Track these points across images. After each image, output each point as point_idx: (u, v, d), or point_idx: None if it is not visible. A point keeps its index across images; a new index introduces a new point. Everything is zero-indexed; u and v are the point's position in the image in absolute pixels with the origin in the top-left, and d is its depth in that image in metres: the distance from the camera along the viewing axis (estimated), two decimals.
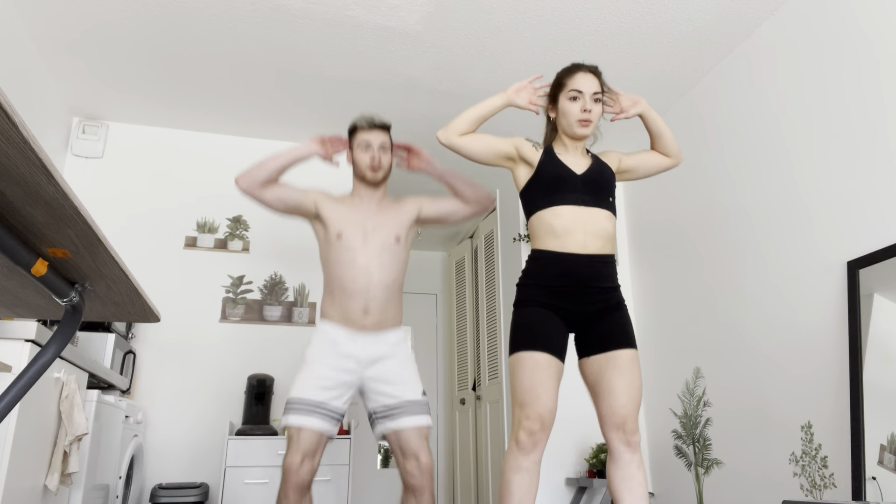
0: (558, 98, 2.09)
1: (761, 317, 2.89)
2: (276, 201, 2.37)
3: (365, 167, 2.38)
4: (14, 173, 0.78)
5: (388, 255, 2.33)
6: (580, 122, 2.03)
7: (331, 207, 2.38)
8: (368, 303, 2.28)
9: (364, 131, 2.39)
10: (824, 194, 2.59)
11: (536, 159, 2.07)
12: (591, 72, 2.07)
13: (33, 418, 1.96)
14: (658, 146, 2.22)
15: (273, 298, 3.86)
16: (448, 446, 5.76)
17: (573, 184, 2.01)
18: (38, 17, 2.96)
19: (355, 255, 2.29)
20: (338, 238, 2.31)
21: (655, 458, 3.65)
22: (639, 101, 2.17)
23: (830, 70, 2.61)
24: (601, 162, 2.12)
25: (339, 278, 2.29)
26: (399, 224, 2.40)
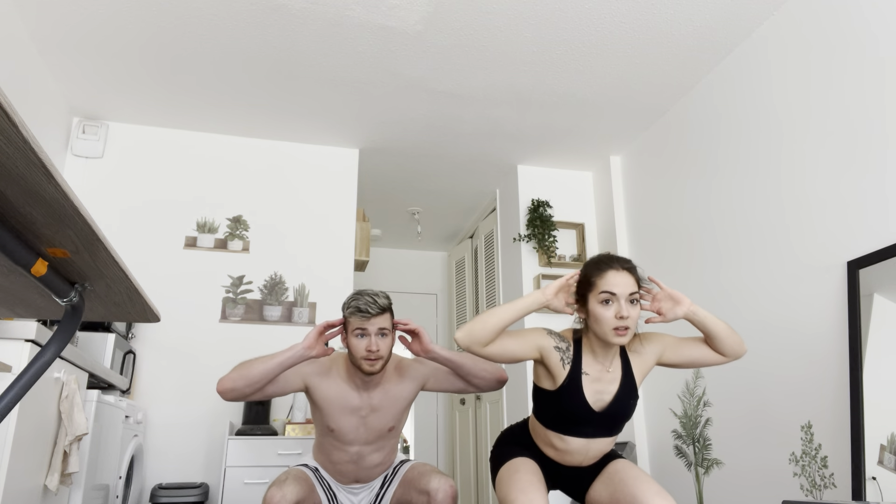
0: (587, 298, 1.82)
1: (761, 317, 2.89)
2: (262, 398, 2.20)
3: (361, 359, 2.09)
4: (14, 173, 0.78)
5: (382, 442, 2.25)
6: (616, 330, 1.76)
7: (322, 394, 2.17)
8: (358, 475, 2.26)
9: (359, 320, 2.09)
10: (824, 194, 2.59)
11: (560, 378, 1.86)
12: (625, 269, 1.80)
13: (33, 418, 1.96)
14: (713, 346, 1.93)
15: (273, 298, 3.86)
16: (448, 446, 5.76)
17: (589, 420, 1.86)
18: (38, 17, 2.96)
19: (347, 446, 2.21)
20: (329, 431, 2.20)
21: (655, 458, 3.65)
22: (681, 301, 1.87)
23: (830, 70, 2.61)
24: (630, 380, 1.90)
25: (329, 453, 2.24)
26: (397, 416, 2.24)
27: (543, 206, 4.29)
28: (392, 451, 2.32)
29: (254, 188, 4.04)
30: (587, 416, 1.85)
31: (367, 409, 2.19)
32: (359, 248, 4.24)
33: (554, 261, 4.19)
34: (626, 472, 1.87)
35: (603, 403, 1.86)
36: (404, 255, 6.28)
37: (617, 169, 4.29)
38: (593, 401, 1.86)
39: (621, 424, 1.92)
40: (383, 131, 4.03)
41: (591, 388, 1.86)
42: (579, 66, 3.34)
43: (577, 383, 1.84)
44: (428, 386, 2.30)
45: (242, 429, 3.30)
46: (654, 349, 1.95)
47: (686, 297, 1.89)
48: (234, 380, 2.07)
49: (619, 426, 1.92)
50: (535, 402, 1.97)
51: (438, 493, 2.06)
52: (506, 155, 4.33)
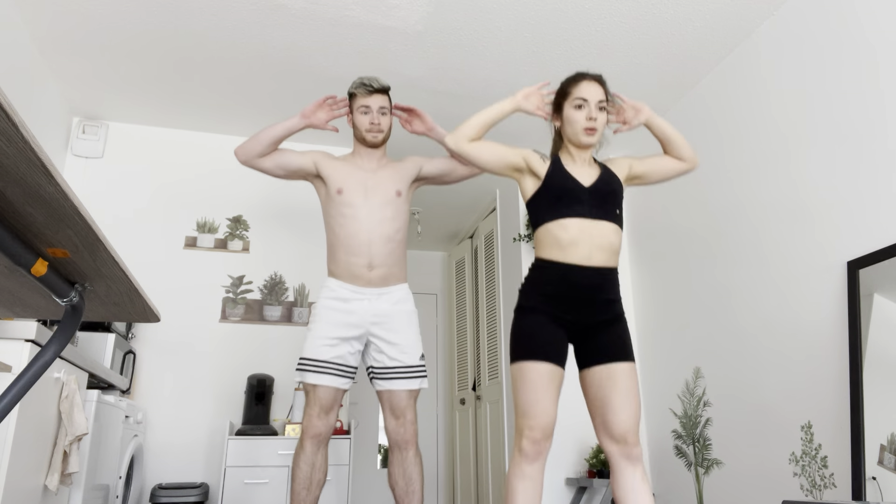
0: (563, 107, 2.08)
1: (761, 317, 2.89)
2: (275, 168, 2.46)
3: (364, 130, 2.44)
4: (14, 173, 0.78)
5: (390, 209, 2.41)
6: (586, 130, 2.02)
7: (331, 166, 2.45)
8: (372, 258, 2.37)
9: (363, 95, 2.43)
10: (824, 194, 2.59)
11: (544, 171, 2.06)
12: (595, 80, 2.06)
13: (33, 418, 1.96)
14: (670, 152, 2.17)
15: (273, 298, 3.86)
16: (448, 446, 5.76)
17: (580, 196, 2.00)
18: (38, 17, 2.96)
19: (356, 211, 2.37)
20: (338, 194, 2.40)
21: (655, 458, 3.65)
22: (642, 110, 2.14)
23: (830, 70, 2.61)
24: (610, 172, 2.10)
25: (342, 235, 2.38)
26: (400, 180, 2.48)
27: None
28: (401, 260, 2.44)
29: (254, 188, 4.04)
30: (577, 189, 2.00)
31: (373, 168, 2.47)
32: None
33: None
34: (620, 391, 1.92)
35: (590, 180, 2.04)
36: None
37: None
38: (579, 178, 2.04)
39: (614, 205, 2.03)
40: None
41: (575, 172, 2.06)
42: (579, 66, 3.34)
43: (559, 167, 2.06)
44: (424, 169, 2.55)
45: (242, 429, 3.30)
46: (623, 162, 2.17)
47: (646, 107, 2.14)
48: (246, 141, 2.43)
49: (611, 205, 2.03)
50: (532, 213, 2.09)
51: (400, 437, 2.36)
52: None
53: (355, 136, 2.51)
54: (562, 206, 2.00)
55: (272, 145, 2.43)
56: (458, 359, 5.59)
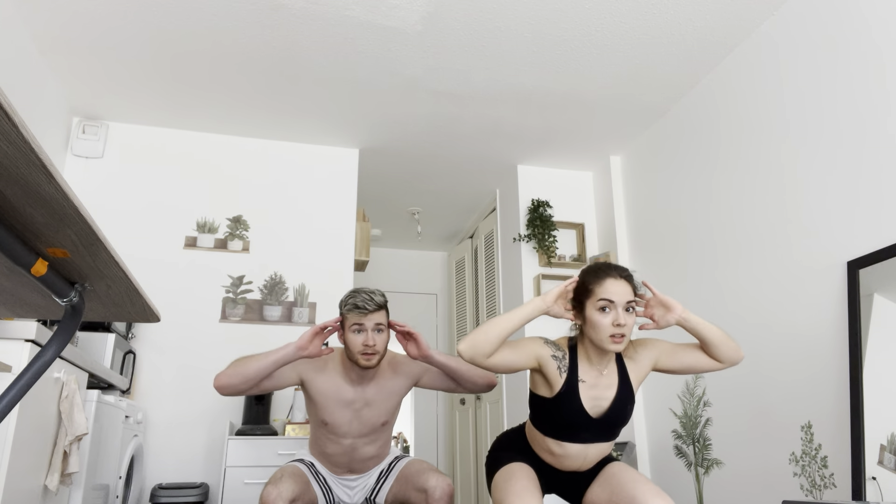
0: (584, 305, 1.85)
1: (761, 317, 2.89)
2: (259, 392, 2.24)
3: (358, 354, 2.15)
4: (14, 173, 0.78)
5: (375, 435, 2.30)
6: (612, 337, 1.80)
7: (318, 388, 2.22)
8: (352, 466, 2.31)
9: (357, 316, 2.16)
10: (824, 194, 2.59)
11: (557, 387, 1.87)
12: (622, 278, 1.83)
13: (33, 418, 1.96)
14: (709, 352, 1.93)
15: (273, 298, 3.86)
16: (448, 446, 5.76)
17: (587, 426, 1.88)
18: (38, 17, 2.96)
19: (341, 438, 2.25)
20: (323, 424, 2.24)
21: (655, 458, 3.65)
22: (672, 308, 1.88)
23: (831, 69, 2.61)
24: (627, 385, 1.91)
25: (323, 446, 2.29)
26: (390, 410, 2.30)
27: (543, 206, 4.29)
28: (385, 445, 2.35)
29: (254, 188, 4.04)
30: (585, 422, 1.87)
31: (361, 403, 2.24)
32: (359, 248, 4.24)
33: (554, 261, 4.19)
34: (623, 474, 1.89)
35: (600, 410, 1.88)
36: (404, 255, 6.28)
37: (617, 169, 4.29)
38: (590, 407, 1.87)
39: (619, 429, 1.94)
40: (383, 131, 4.03)
41: (588, 395, 1.88)
42: (579, 66, 3.34)
43: (574, 390, 1.86)
44: (421, 383, 2.36)
45: (242, 429, 3.30)
46: (650, 355, 1.97)
47: (678, 303, 1.89)
48: (231, 376, 2.12)
49: (616, 431, 1.94)
50: (533, 409, 1.98)
51: (436, 492, 2.09)
52: (506, 155, 4.33)
53: (347, 355, 2.21)
54: (564, 433, 1.89)
55: (260, 380, 2.14)
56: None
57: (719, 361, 1.93)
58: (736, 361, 1.93)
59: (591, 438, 1.90)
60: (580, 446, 1.90)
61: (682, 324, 1.89)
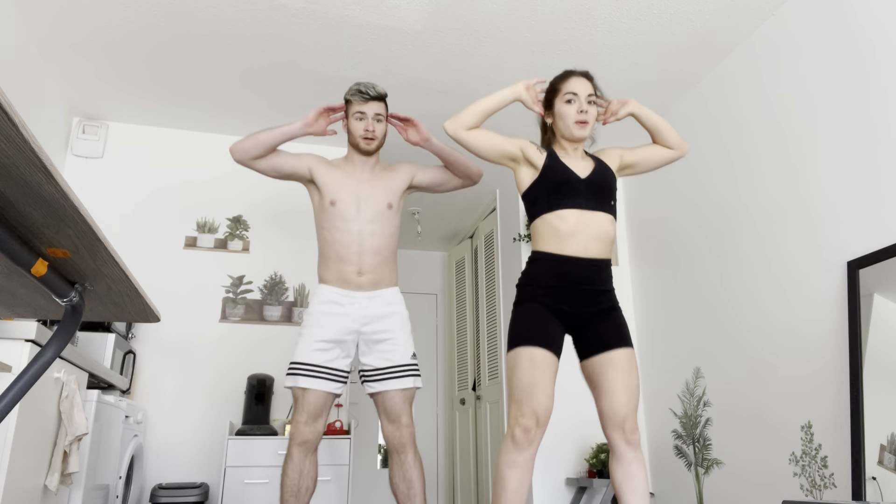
0: (554, 103, 2.14)
1: (761, 317, 2.89)
2: (269, 170, 2.47)
3: (359, 137, 2.45)
4: (14, 173, 0.78)
5: (380, 222, 2.43)
6: (577, 123, 2.08)
7: (325, 173, 2.46)
8: (362, 266, 2.40)
9: (359, 102, 2.44)
10: (824, 194, 2.59)
11: (541, 162, 2.09)
12: (583, 76, 2.13)
13: (33, 418, 1.96)
14: (658, 140, 2.23)
15: (273, 298, 3.86)
16: (448, 446, 5.76)
17: (577, 188, 2.04)
18: (37, 17, 2.96)
19: (348, 223, 2.39)
20: (332, 205, 2.41)
21: (655, 458, 3.65)
22: (628, 102, 2.20)
23: (830, 70, 2.61)
24: (603, 164, 2.15)
25: (333, 244, 2.40)
26: (392, 191, 2.49)
27: None
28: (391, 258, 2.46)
29: (254, 188, 4.04)
30: (574, 181, 2.04)
31: (366, 178, 2.47)
32: None
33: None
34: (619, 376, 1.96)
35: (585, 172, 2.09)
36: (404, 255, 6.28)
37: None
38: (575, 169, 2.09)
39: (609, 196, 2.08)
40: None
41: (570, 164, 2.10)
42: (579, 66, 3.34)
43: (556, 159, 2.10)
44: (416, 177, 2.56)
45: (242, 429, 3.30)
46: (614, 153, 2.23)
47: (632, 99, 2.19)
48: (244, 140, 2.42)
49: (607, 196, 2.07)
50: (529, 204, 2.12)
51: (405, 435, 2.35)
52: None
53: (350, 141, 2.51)
54: (559, 198, 2.04)
55: (270, 148, 2.44)
56: (458, 359, 5.59)
57: (671, 148, 2.22)
58: (684, 149, 2.23)
59: (585, 203, 2.03)
60: (579, 215, 2.01)
61: (637, 111, 2.19)
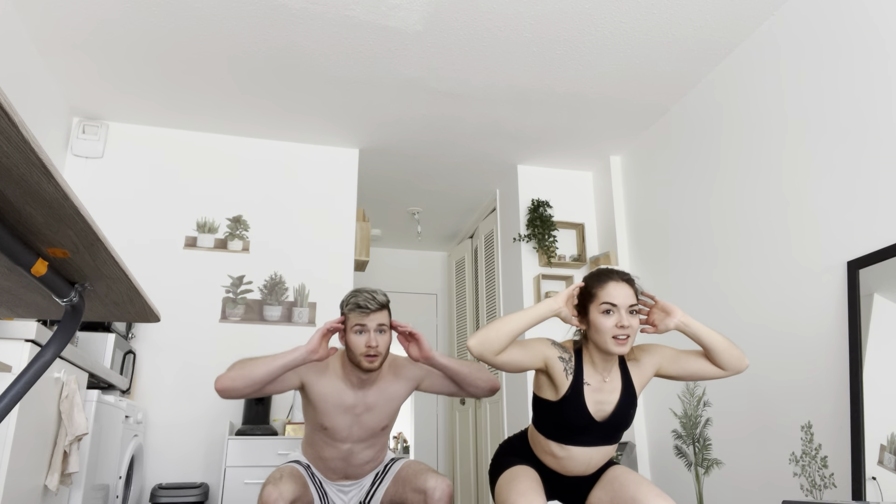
0: (588, 310, 1.87)
1: (761, 317, 2.89)
2: (259, 395, 2.18)
3: (360, 356, 2.10)
4: (14, 173, 0.78)
5: (373, 440, 2.26)
6: (616, 340, 1.82)
7: (318, 392, 2.17)
8: (348, 472, 2.28)
9: (359, 315, 2.11)
10: (824, 194, 2.59)
11: (563, 389, 1.89)
12: (624, 281, 1.86)
13: (33, 418, 1.96)
14: (712, 360, 1.95)
15: (273, 298, 3.86)
16: (448, 446, 5.76)
17: (591, 430, 1.89)
18: (38, 17, 2.96)
19: (339, 443, 2.22)
20: (322, 429, 2.20)
21: (655, 458, 3.65)
22: (672, 313, 1.91)
23: (831, 70, 2.61)
24: (630, 389, 1.93)
25: (320, 450, 2.25)
26: (389, 415, 2.26)
27: (543, 206, 4.29)
28: (382, 449, 2.33)
29: (254, 188, 4.04)
30: (588, 425, 1.88)
31: (362, 408, 2.20)
32: (359, 248, 4.24)
33: (554, 261, 4.19)
34: (625, 476, 1.91)
35: (604, 413, 1.90)
36: (404, 255, 6.28)
37: (617, 169, 4.29)
38: (594, 411, 1.89)
39: (621, 433, 1.95)
40: (383, 131, 4.03)
41: (592, 399, 1.89)
42: (579, 66, 3.34)
43: (579, 393, 1.87)
44: (422, 387, 2.32)
45: (242, 429, 3.30)
46: (653, 361, 1.98)
47: (678, 309, 1.91)
48: (234, 379, 2.05)
49: (619, 434, 1.95)
50: (536, 411, 1.98)
51: (435, 492, 2.07)
52: (506, 155, 4.33)
53: (349, 357, 2.15)
54: (567, 435, 1.90)
55: (265, 384, 2.08)
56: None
57: (722, 369, 1.94)
58: (740, 369, 1.94)
59: (594, 441, 1.91)
60: (583, 449, 1.91)
61: (682, 328, 1.90)
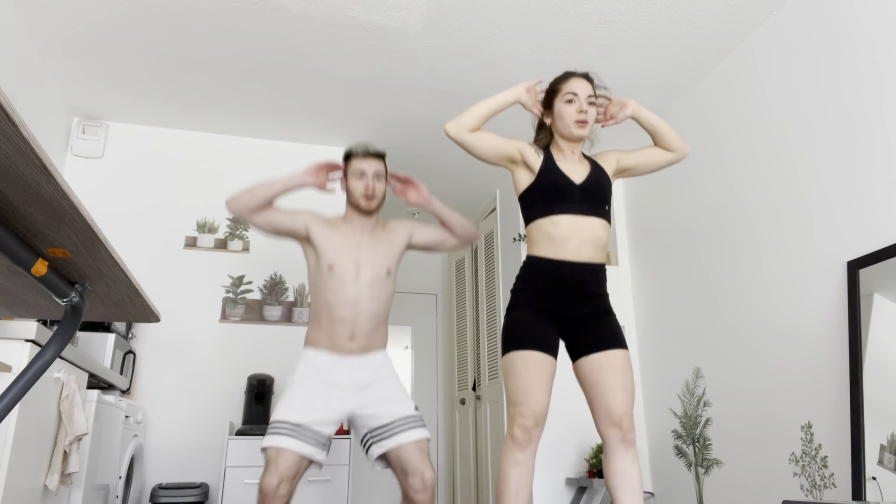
0: (553, 104, 2.14)
1: (761, 317, 2.89)
2: (266, 225, 2.34)
3: (359, 195, 2.35)
4: (14, 173, 0.78)
5: (378, 287, 2.33)
6: (577, 122, 2.08)
7: (322, 234, 2.35)
8: (355, 330, 2.29)
9: (359, 159, 2.37)
10: (824, 194, 2.59)
11: (538, 165, 2.10)
12: (584, 77, 2.13)
13: (33, 418, 1.96)
14: (659, 143, 2.21)
15: (273, 298, 3.86)
16: (448, 446, 5.76)
17: (571, 193, 2.05)
18: (38, 16, 2.96)
19: (346, 287, 2.28)
20: (329, 269, 2.30)
21: (655, 458, 3.65)
22: (627, 104, 2.18)
23: (830, 70, 2.61)
24: (599, 168, 2.14)
25: (328, 306, 2.29)
26: (390, 256, 2.40)
27: None
28: (385, 323, 2.38)
29: None
30: (569, 187, 2.05)
31: (365, 240, 2.37)
32: None
33: None
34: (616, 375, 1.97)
35: (581, 177, 2.09)
36: (404, 255, 6.28)
37: None
38: (570, 174, 2.09)
39: (603, 202, 2.08)
40: (383, 131, 4.03)
41: (566, 168, 2.10)
42: (579, 66, 3.34)
43: (552, 164, 2.10)
44: (414, 237, 2.48)
45: (242, 429, 3.30)
46: (611, 156, 2.21)
47: (632, 101, 2.17)
48: (241, 192, 2.30)
49: (601, 202, 2.07)
50: (525, 206, 2.13)
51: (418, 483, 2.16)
52: None
53: (349, 200, 2.40)
54: (553, 203, 2.05)
55: (268, 201, 2.31)
56: (458, 359, 5.59)
57: (671, 150, 2.19)
58: (685, 150, 2.20)
59: (579, 209, 2.03)
60: (573, 220, 2.02)
61: (636, 114, 2.16)
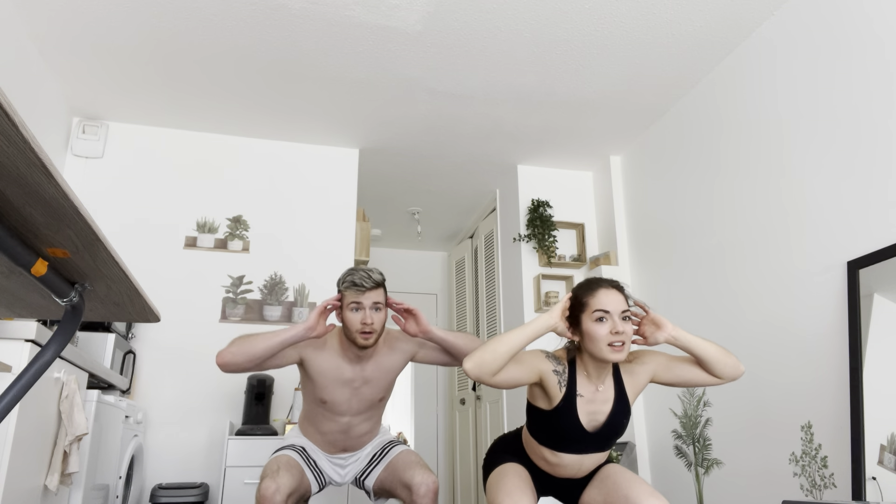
0: (581, 320, 1.84)
1: (761, 317, 2.89)
2: (256, 369, 2.18)
3: (356, 332, 2.14)
4: (14, 173, 0.78)
5: (371, 412, 2.32)
6: (611, 347, 1.78)
7: (318, 366, 2.21)
8: (347, 443, 2.33)
9: (355, 293, 2.15)
10: (824, 194, 2.59)
11: (556, 400, 1.87)
12: (613, 287, 1.84)
13: (33, 418, 1.96)
14: (707, 370, 1.92)
15: (273, 298, 3.86)
16: (448, 446, 5.76)
17: (583, 440, 1.89)
18: (38, 17, 2.96)
19: (337, 417, 2.27)
20: (321, 402, 2.24)
21: (655, 458, 3.65)
22: (663, 326, 1.89)
23: (830, 70, 2.61)
24: (624, 398, 1.91)
25: (318, 424, 2.29)
26: (386, 386, 2.32)
27: (543, 206, 4.29)
28: (378, 421, 2.39)
29: (254, 188, 4.04)
30: (580, 436, 1.88)
31: (360, 381, 2.26)
32: (359, 248, 4.24)
33: (554, 261, 4.19)
34: (618, 475, 1.91)
35: (596, 424, 1.89)
36: (404, 255, 6.28)
37: (617, 169, 4.29)
38: (587, 421, 1.88)
39: (614, 441, 1.95)
40: (383, 131, 4.03)
41: (585, 410, 1.88)
42: (579, 66, 3.34)
43: (571, 405, 1.86)
44: (417, 358, 2.38)
45: (242, 429, 3.30)
46: (647, 369, 1.96)
47: (669, 322, 1.89)
48: (235, 354, 2.09)
49: (611, 443, 1.95)
50: (529, 418, 1.98)
51: (420, 488, 2.12)
52: (506, 155, 4.33)
53: (345, 334, 2.19)
54: (560, 443, 1.91)
55: (265, 359, 2.12)
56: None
57: (717, 377, 1.92)
58: (735, 377, 1.91)
59: (586, 449, 1.92)
60: (575, 456, 1.92)
61: (673, 342, 1.88)
